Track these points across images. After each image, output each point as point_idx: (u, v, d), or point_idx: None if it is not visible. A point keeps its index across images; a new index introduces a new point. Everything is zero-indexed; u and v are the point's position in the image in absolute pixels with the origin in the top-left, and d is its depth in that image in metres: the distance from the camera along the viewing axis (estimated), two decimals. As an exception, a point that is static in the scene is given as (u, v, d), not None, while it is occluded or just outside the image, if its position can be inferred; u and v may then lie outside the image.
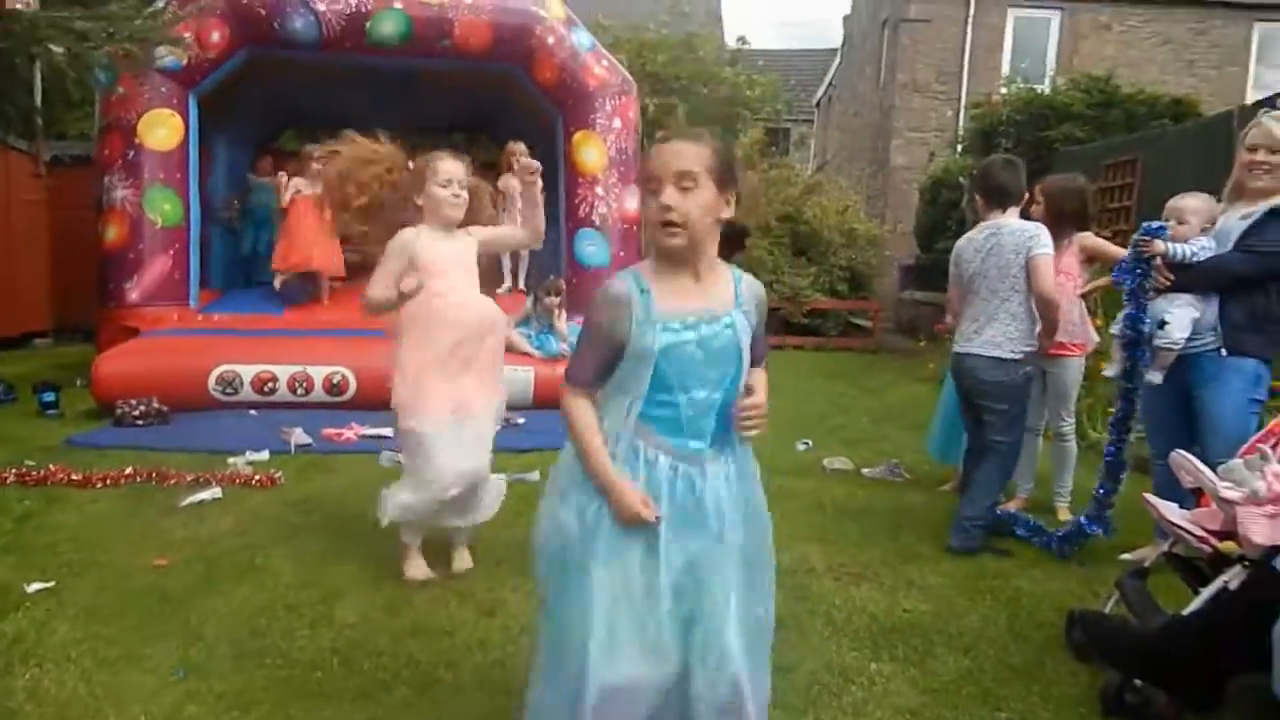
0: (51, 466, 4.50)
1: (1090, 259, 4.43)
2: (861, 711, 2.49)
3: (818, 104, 25.77)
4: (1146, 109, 10.66)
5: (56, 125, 11.36)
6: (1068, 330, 4.25)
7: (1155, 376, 3.54)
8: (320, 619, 2.93)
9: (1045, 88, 12.99)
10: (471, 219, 3.40)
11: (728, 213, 1.87)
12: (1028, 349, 3.83)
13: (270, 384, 6.21)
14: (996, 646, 2.93)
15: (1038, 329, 3.84)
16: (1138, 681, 2.43)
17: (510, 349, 6.67)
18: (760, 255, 12.68)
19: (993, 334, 3.84)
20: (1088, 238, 4.39)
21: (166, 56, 7.02)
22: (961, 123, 15.67)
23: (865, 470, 5.24)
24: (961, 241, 4.08)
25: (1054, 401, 4.44)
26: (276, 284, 7.83)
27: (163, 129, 7.14)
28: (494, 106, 9.26)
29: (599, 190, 7.99)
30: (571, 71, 7.89)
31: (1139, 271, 3.45)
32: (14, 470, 4.46)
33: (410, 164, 3.39)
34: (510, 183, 8.02)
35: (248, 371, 6.18)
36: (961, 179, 13.30)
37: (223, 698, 2.42)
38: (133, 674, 2.53)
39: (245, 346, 6.45)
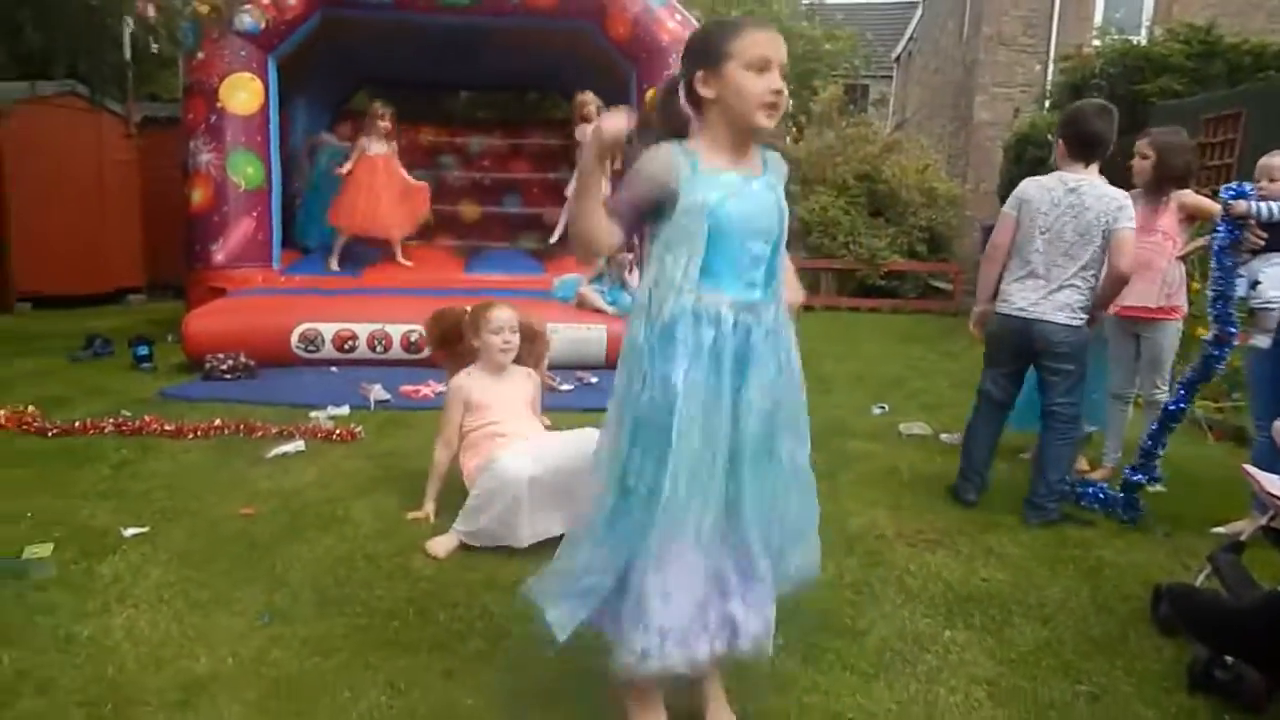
0: (146, 417, 4.69)
1: (1190, 218, 4.21)
2: (935, 679, 2.45)
3: (897, 59, 25.00)
4: (1252, 60, 10.05)
5: (147, 85, 11.70)
6: (1166, 294, 4.08)
7: (1261, 340, 3.39)
8: (398, 570, 3.00)
9: (1141, 38, 12.38)
10: (526, 355, 3.62)
11: None
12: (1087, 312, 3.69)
13: (350, 341, 6.35)
14: (1077, 618, 2.86)
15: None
16: (1229, 658, 2.34)
17: (584, 305, 6.77)
18: (836, 215, 12.47)
19: (1066, 298, 3.65)
20: (1188, 195, 4.16)
21: (246, 19, 7.15)
22: (1050, 77, 15.03)
23: (944, 436, 5.13)
24: (1031, 188, 3.75)
25: (1148, 368, 4.26)
26: (335, 252, 7.81)
27: (244, 92, 7.30)
28: (565, 64, 9.21)
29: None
30: (645, 26, 7.80)
31: (1223, 233, 3.28)
32: (112, 420, 4.66)
33: (468, 309, 3.59)
34: (584, 132, 8.04)
35: (328, 329, 6.33)
36: (1049, 136, 12.81)
37: (306, 643, 2.50)
38: (221, 617, 2.64)
39: (326, 305, 6.60)
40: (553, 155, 10.06)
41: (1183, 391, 3.55)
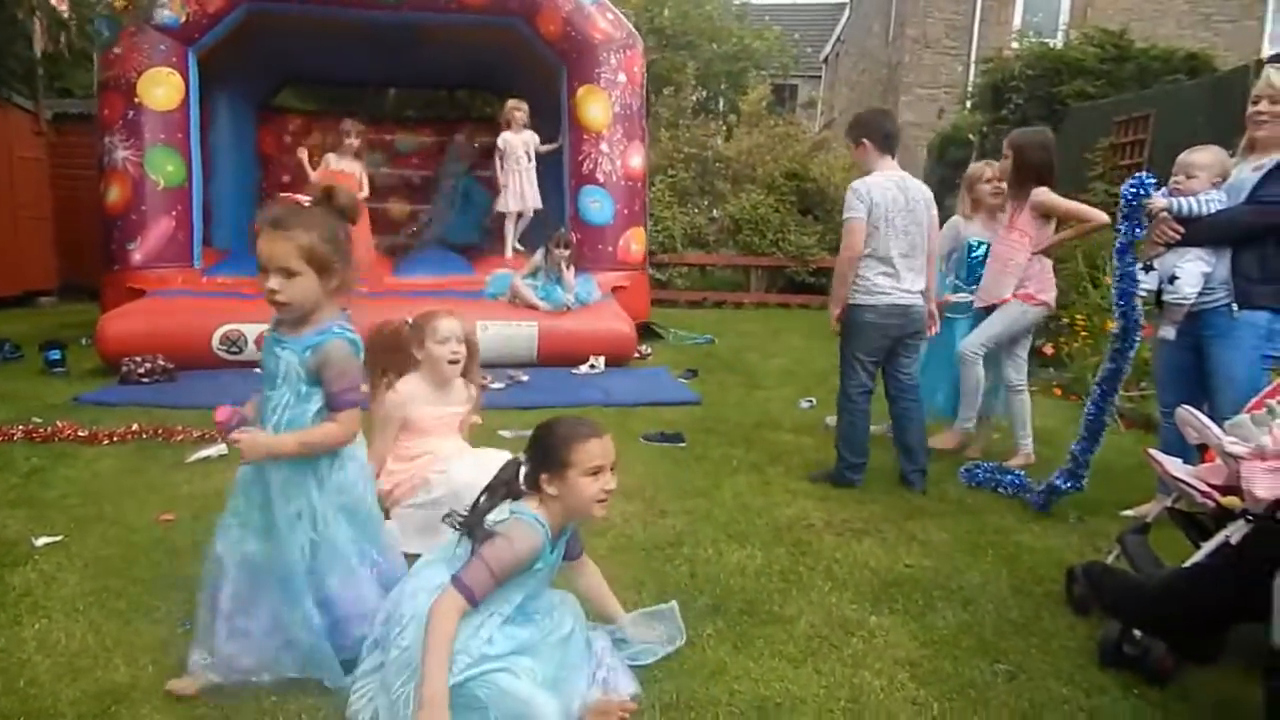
0: (59, 423, 4.53)
1: (1046, 215, 4.42)
2: (861, 663, 2.51)
3: (825, 60, 25.43)
4: (1161, 64, 10.50)
5: (60, 81, 11.28)
6: (1022, 286, 4.47)
7: (1168, 332, 3.53)
8: (325, 572, 2.95)
9: (1058, 42, 12.79)
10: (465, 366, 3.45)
11: None
12: None
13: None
14: (996, 601, 2.95)
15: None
16: (1137, 633, 2.44)
17: (515, 300, 6.74)
18: (765, 213, 12.62)
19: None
20: (1041, 193, 4.36)
21: (165, 12, 6.95)
22: (972, 78, 15.46)
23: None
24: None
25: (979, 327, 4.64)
26: None
27: (162, 88, 7.09)
28: (498, 61, 9.16)
29: (603, 146, 7.92)
30: (576, 25, 7.80)
31: (1124, 230, 3.38)
32: (21, 427, 4.49)
33: (409, 320, 3.42)
34: (509, 139, 7.99)
35: (252, 330, 6.19)
36: (971, 136, 13.17)
37: (229, 648, 2.44)
38: (142, 625, 2.56)
39: (249, 306, 6.44)
40: (484, 152, 9.99)
41: (1100, 390, 3.59)
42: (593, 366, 6.65)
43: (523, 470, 2.21)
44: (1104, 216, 4.34)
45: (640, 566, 3.11)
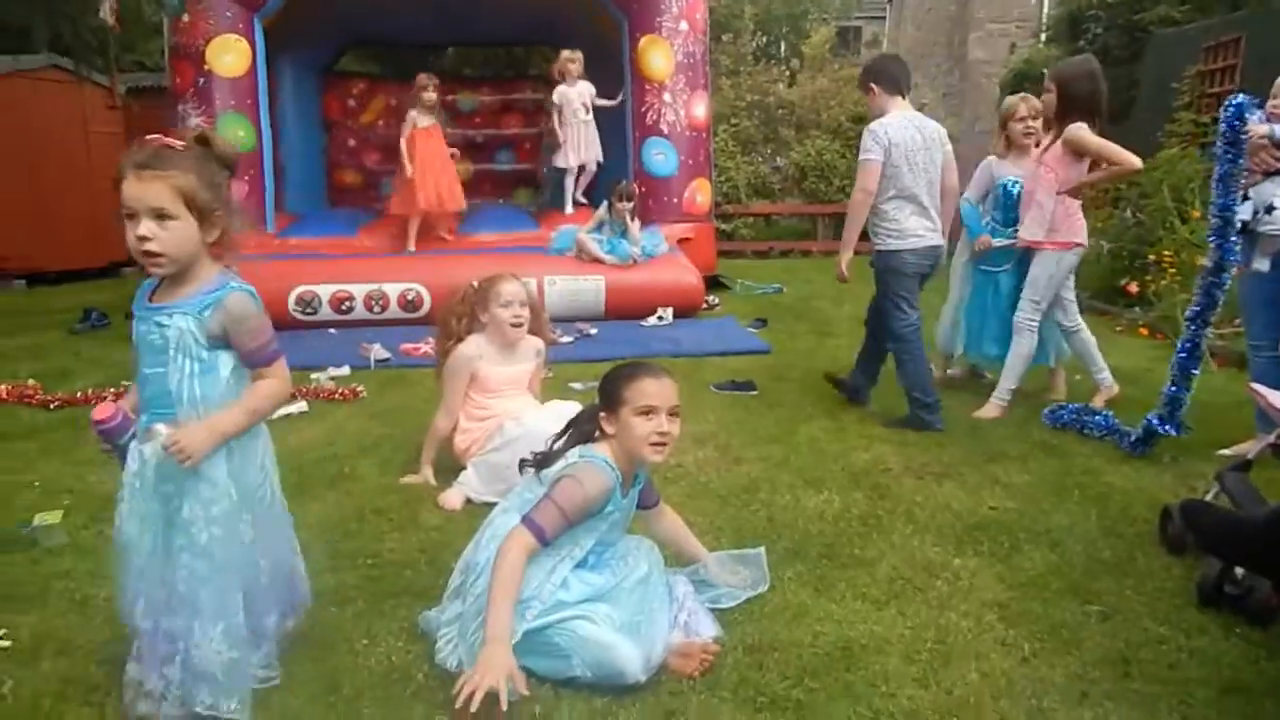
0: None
1: (1078, 153, 4.13)
2: (947, 605, 2.47)
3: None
4: (1252, -16, 9.87)
5: (132, 54, 11.53)
6: (1050, 227, 4.20)
7: (1262, 264, 3.36)
8: (407, 522, 3.01)
9: (1139, -33, 12.13)
10: (531, 326, 3.48)
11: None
12: None
13: (347, 302, 6.33)
14: (1085, 542, 2.87)
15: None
16: (1239, 572, 2.35)
17: (582, 254, 6.73)
18: (831, 159, 12.36)
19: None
20: (1074, 129, 4.06)
21: (231, -21, 7.02)
22: (1046, 10, 14.78)
23: (949, 371, 5.13)
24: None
25: (1025, 290, 4.35)
26: (412, 237, 7.33)
27: (230, 55, 7.18)
28: (556, 16, 9.06)
29: (666, 97, 7.80)
30: (636, -27, 7.65)
31: (1229, 156, 3.20)
32: (113, 390, 4.65)
33: (474, 283, 3.47)
34: (565, 92, 7.90)
35: (325, 291, 6.31)
36: (1045, 71, 12.65)
37: (320, 595, 2.49)
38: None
39: (322, 268, 6.57)
40: (544, 110, 9.94)
41: (1192, 327, 3.45)
42: (661, 318, 6.62)
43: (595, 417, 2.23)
44: (1136, 161, 4.11)
45: (717, 513, 3.10)
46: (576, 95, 7.86)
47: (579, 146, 7.95)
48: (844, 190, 12.22)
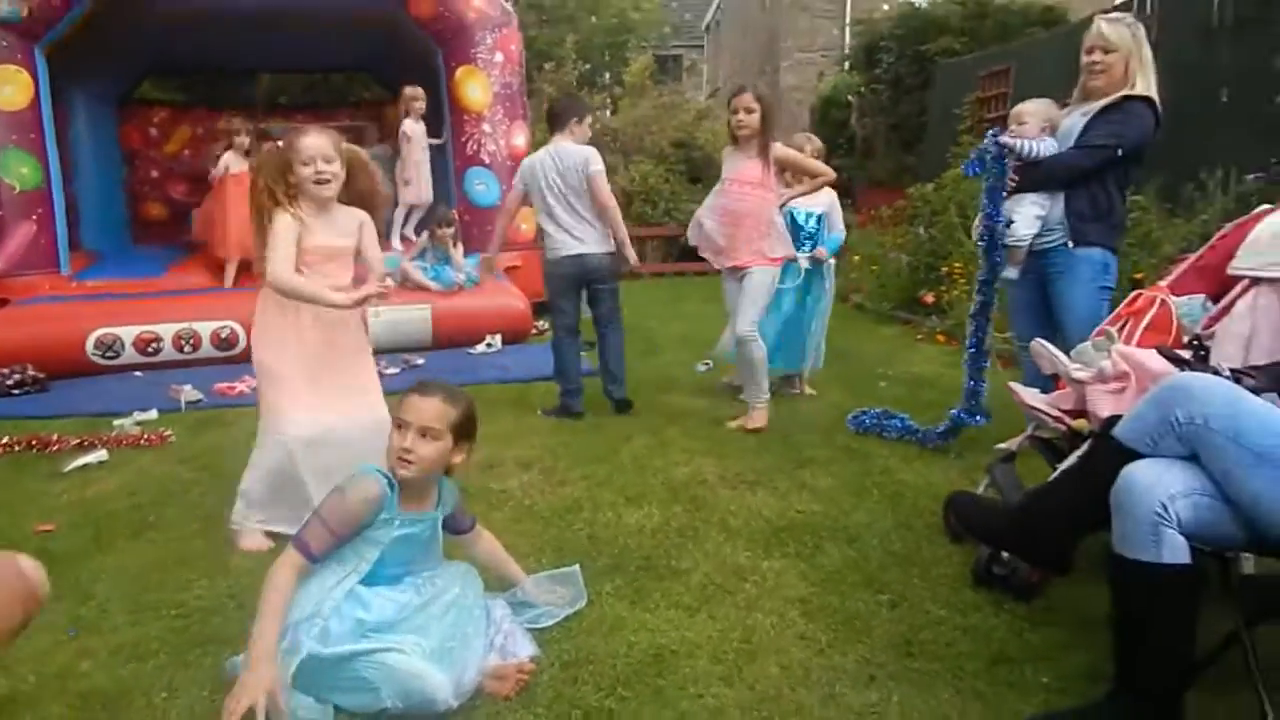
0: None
1: (783, 169, 4.54)
2: (754, 605, 2.61)
3: (707, 28, 25.57)
4: (1019, 18, 10.94)
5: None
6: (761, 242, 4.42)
7: (1011, 273, 3.74)
8: (216, 568, 2.90)
9: (924, 2, 13.18)
10: (355, 191, 3.20)
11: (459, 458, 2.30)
12: None
13: (154, 344, 5.99)
14: (880, 536, 3.10)
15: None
16: (1004, 554, 2.61)
17: (406, 283, 6.64)
18: (656, 184, 12.68)
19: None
20: (778, 148, 4.46)
21: (4, 6, 6.55)
22: (847, 40, 15.80)
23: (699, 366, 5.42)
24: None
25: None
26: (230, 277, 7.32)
27: (9, 87, 6.70)
28: (374, 45, 8.95)
29: (485, 127, 7.84)
30: (449, 4, 7.66)
31: (995, 172, 3.57)
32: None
33: (279, 143, 3.17)
34: (414, 127, 7.84)
35: (129, 333, 5.95)
36: (849, 97, 13.49)
37: (118, 651, 2.39)
38: (19, 638, 2.47)
39: (124, 309, 6.19)
40: (363, 137, 9.77)
41: (974, 325, 3.83)
42: (489, 345, 6.62)
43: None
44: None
45: (540, 534, 3.16)
46: (421, 133, 7.83)
47: (422, 183, 7.97)
48: (669, 213, 12.60)
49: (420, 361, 6.10)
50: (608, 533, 3.17)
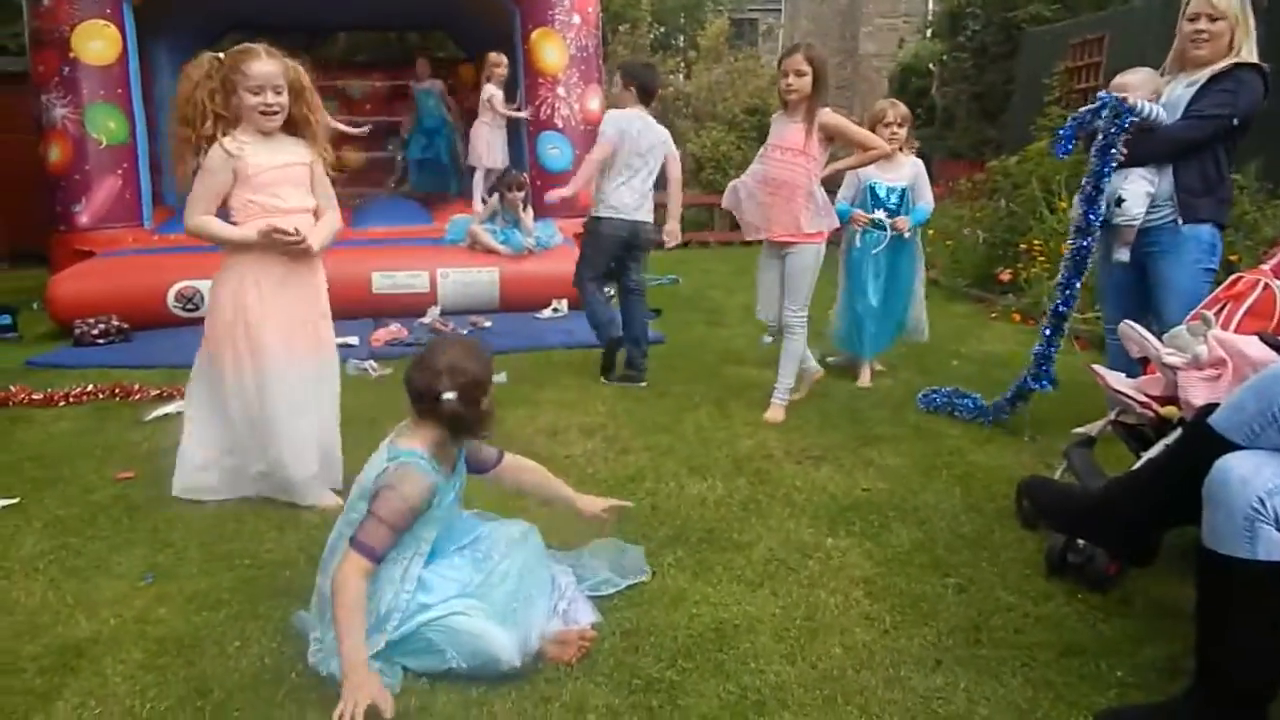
0: (12, 387, 4.46)
1: (830, 138, 4.20)
2: (817, 583, 2.58)
3: (785, -8, 25.01)
4: (1115, -16, 10.43)
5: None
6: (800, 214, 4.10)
7: (1122, 254, 3.55)
8: (287, 522, 2.97)
9: (1014, -35, 12.68)
10: (290, 117, 3.02)
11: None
12: None
13: (232, 298, 6.13)
14: (949, 518, 3.03)
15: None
16: (1080, 542, 2.52)
17: (475, 246, 6.68)
18: (728, 150, 12.52)
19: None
20: (826, 114, 4.13)
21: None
22: (931, 6, 15.31)
23: (829, 359, 5.30)
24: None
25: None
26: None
27: (98, 41, 6.83)
28: (452, 4, 8.92)
29: (560, 91, 7.77)
30: (528, -36, 7.59)
31: (1112, 134, 3.32)
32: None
33: (220, 55, 2.95)
34: (491, 91, 7.88)
35: (207, 286, 6.08)
36: (931, 66, 13.10)
37: (192, 599, 2.46)
38: (101, 581, 2.57)
39: (204, 261, 6.32)
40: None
41: (1063, 292, 3.66)
42: (556, 310, 6.63)
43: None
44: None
45: (602, 502, 3.15)
46: (502, 99, 7.94)
47: (497, 148, 8.07)
48: (740, 181, 12.43)
49: (488, 324, 6.14)
50: (670, 503, 3.15)
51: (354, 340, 5.53)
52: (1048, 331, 3.76)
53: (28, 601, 2.45)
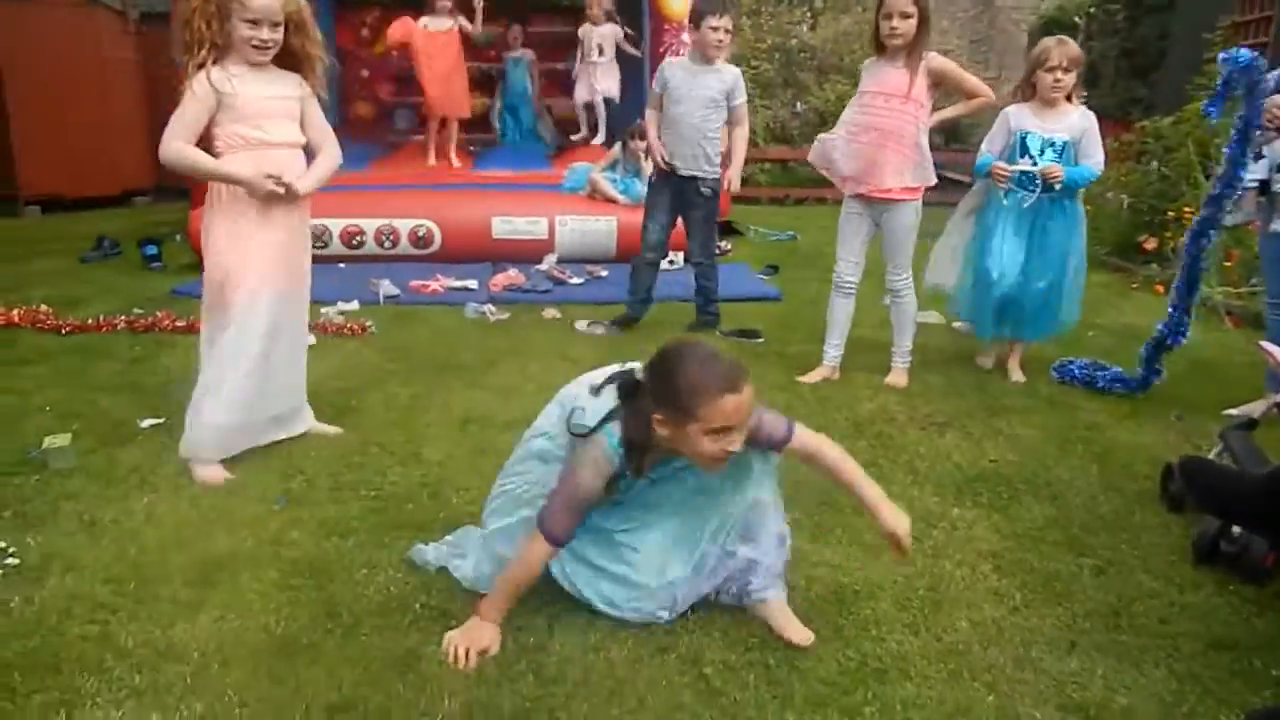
0: (158, 314, 4.71)
1: (937, 84, 3.85)
2: (942, 553, 2.49)
3: (920, -60, 23.95)
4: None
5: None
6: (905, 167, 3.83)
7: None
8: (410, 457, 3.04)
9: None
10: (287, 49, 2.91)
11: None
12: None
13: (358, 237, 6.31)
14: (1085, 496, 2.88)
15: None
16: (1236, 530, 2.35)
17: (595, 194, 6.66)
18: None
19: None
20: (934, 58, 3.79)
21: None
22: (1079, -45, 14.35)
23: (955, 324, 5.09)
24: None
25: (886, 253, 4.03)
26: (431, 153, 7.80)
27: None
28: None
29: (685, 37, 7.60)
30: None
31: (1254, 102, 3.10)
32: (123, 318, 4.67)
33: None
34: (587, 31, 7.88)
35: (335, 225, 6.28)
36: (1077, 19, 12.32)
37: (323, 524, 2.55)
38: (238, 502, 2.68)
39: (333, 201, 6.50)
40: (560, 44, 9.76)
41: (1192, 233, 3.52)
42: (671, 262, 6.56)
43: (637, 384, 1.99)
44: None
45: (718, 457, 3.11)
46: (599, 36, 8.00)
47: (590, 83, 8.30)
48: (863, 137, 12.04)
49: (604, 273, 6.14)
50: (788, 463, 3.07)
51: (473, 284, 5.61)
52: (1178, 288, 3.66)
53: (173, 516, 2.58)
